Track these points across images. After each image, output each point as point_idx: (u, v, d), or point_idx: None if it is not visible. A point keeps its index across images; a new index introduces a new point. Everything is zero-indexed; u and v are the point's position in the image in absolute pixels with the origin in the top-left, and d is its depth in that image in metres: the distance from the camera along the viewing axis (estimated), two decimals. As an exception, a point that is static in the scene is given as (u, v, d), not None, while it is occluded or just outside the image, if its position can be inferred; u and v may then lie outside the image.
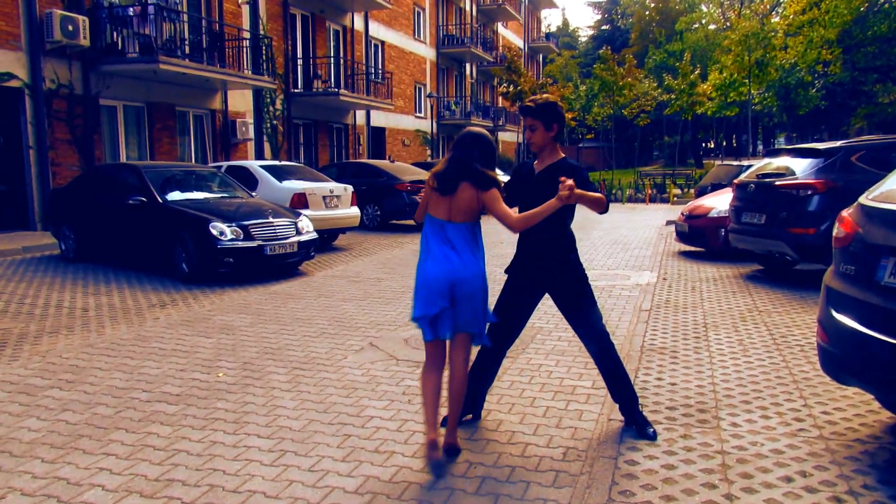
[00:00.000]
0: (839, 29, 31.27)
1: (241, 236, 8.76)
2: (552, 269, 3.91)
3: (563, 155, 3.92)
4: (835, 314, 3.55)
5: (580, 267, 3.99)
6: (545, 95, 3.95)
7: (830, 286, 3.67)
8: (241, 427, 4.05)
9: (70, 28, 12.86)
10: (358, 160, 20.55)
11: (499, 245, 11.77)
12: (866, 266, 3.41)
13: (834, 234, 3.80)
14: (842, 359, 3.50)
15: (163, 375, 5.04)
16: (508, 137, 43.51)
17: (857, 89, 43.15)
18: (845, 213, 3.78)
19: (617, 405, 4.09)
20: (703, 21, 53.54)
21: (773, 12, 44.26)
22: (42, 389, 4.73)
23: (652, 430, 3.88)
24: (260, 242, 8.87)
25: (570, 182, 3.30)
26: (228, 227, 8.71)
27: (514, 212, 3.66)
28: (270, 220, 9.19)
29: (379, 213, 15.64)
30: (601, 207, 3.58)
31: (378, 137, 26.86)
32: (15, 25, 12.53)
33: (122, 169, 10.25)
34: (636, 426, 3.94)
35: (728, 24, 43.91)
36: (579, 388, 4.72)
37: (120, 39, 14.18)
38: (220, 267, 8.69)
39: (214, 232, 8.60)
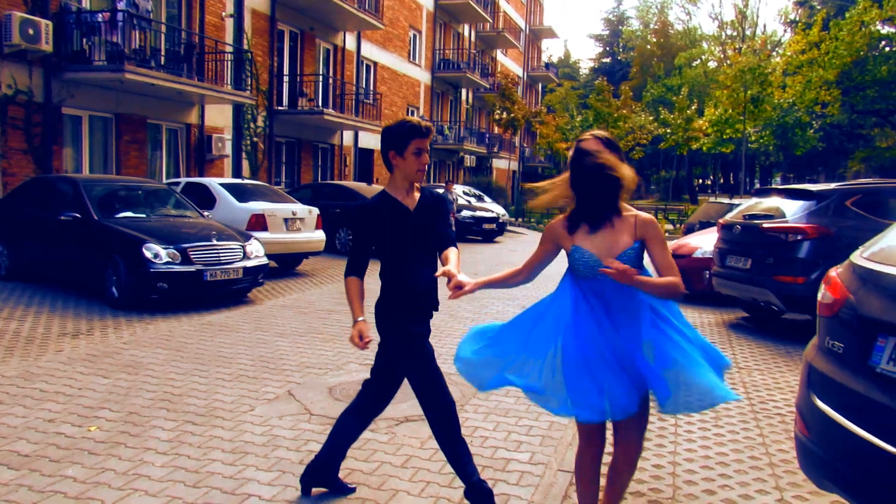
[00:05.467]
0: (839, 70, 30.75)
1: (179, 260, 7.99)
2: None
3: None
4: (817, 402, 2.77)
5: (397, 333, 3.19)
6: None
7: (813, 365, 2.90)
8: (80, 505, 3.26)
9: (31, 32, 12.16)
10: (333, 181, 19.84)
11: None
12: (858, 345, 2.64)
13: (819, 298, 3.03)
14: (824, 460, 2.72)
15: (22, 427, 4.23)
16: (502, 164, 42.92)
17: (855, 132, 42.77)
18: (834, 272, 3.02)
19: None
20: (703, 58, 53.35)
21: (774, 52, 43.99)
22: None
23: None
24: (199, 267, 8.10)
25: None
26: (164, 249, 7.94)
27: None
28: (214, 242, 8.42)
29: (351, 237, 14.86)
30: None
31: (366, 159, 26.19)
32: (-29, 26, 11.85)
33: (60, 181, 9.48)
34: None
35: (727, 60, 43.59)
36: (513, 463, 3.92)
37: (88, 47, 13.52)
38: (153, 293, 7.91)
39: (148, 254, 7.83)
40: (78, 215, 8.50)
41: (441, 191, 19.12)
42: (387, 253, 3.19)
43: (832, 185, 7.78)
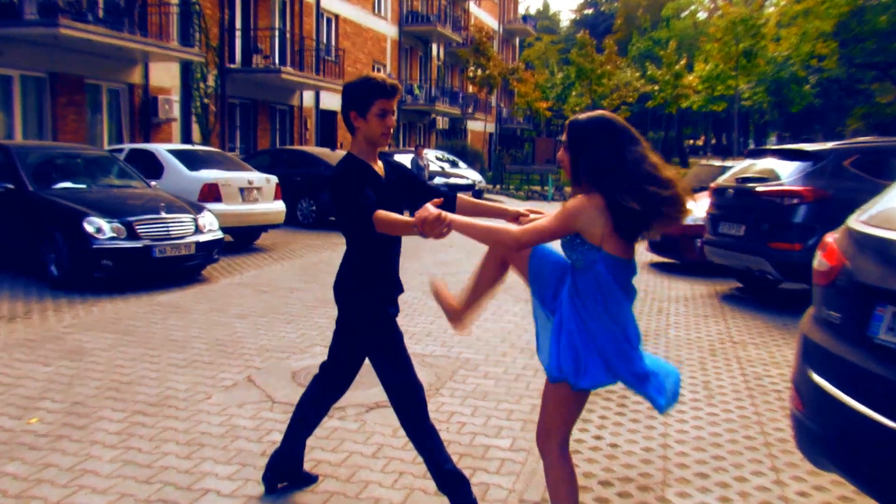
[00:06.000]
0: (836, 21, 31.00)
1: (124, 235, 7.86)
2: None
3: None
4: (813, 376, 2.81)
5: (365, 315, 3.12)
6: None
7: (809, 337, 2.94)
8: (21, 506, 3.21)
9: (-50, -18, 11.78)
10: (293, 147, 19.63)
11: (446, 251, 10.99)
12: (856, 314, 2.67)
13: (814, 265, 3.06)
14: (821, 438, 2.77)
15: (-45, 421, 4.16)
16: (478, 126, 42.75)
17: (853, 87, 43.21)
18: (830, 238, 3.05)
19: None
20: (692, 8, 53.40)
21: (767, 2, 44.16)
22: None
23: None
24: (147, 243, 7.98)
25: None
26: (108, 223, 7.80)
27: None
28: (162, 215, 8.30)
29: (314, 208, 14.78)
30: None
31: (329, 122, 25.89)
32: None
33: (-9, 149, 9.27)
34: None
35: (718, 11, 43.68)
36: (493, 450, 3.95)
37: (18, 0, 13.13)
38: (97, 271, 7.79)
39: (90, 229, 7.69)
40: (11, 186, 8.33)
41: (411, 156, 19.06)
42: (359, 230, 3.01)
43: (829, 145, 7.85)
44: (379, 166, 3.12)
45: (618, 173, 2.45)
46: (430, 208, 2.56)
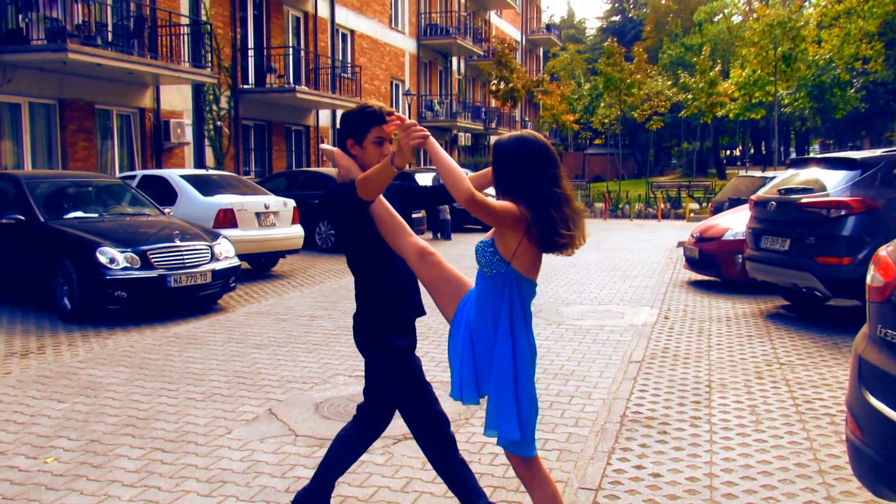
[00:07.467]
0: (881, 20, 30.74)
1: (138, 264, 7.99)
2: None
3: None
4: (871, 399, 2.79)
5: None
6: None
7: (864, 357, 2.92)
8: (39, 549, 3.26)
9: (-42, 9, 12.13)
10: (310, 168, 19.83)
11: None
12: (915, 332, 2.66)
13: (868, 281, 3.05)
14: (881, 465, 2.74)
15: (-30, 461, 4.24)
16: (502, 142, 42.85)
17: (901, 90, 42.83)
18: (884, 251, 3.03)
19: None
20: (726, 11, 53.28)
21: (806, 2, 44.05)
22: None
23: None
24: (162, 272, 8.10)
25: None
26: (121, 252, 7.94)
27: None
28: (177, 243, 8.43)
29: (333, 231, 14.89)
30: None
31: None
32: None
33: (0, 180, 9.48)
34: None
35: (753, 14, 43.64)
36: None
37: (25, 24, 13.46)
38: (110, 303, 7.92)
39: (103, 259, 7.83)
40: (21, 217, 8.51)
41: (433, 174, 19.16)
42: (361, 252, 3.14)
43: (878, 152, 7.79)
44: None
45: (526, 192, 2.71)
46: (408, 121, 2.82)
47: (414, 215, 3.96)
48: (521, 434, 2.74)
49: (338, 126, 3.73)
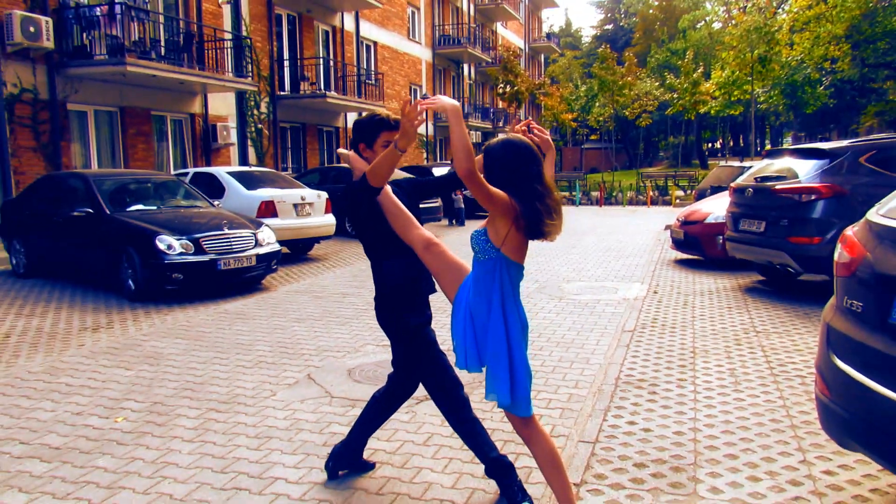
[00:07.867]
0: (847, 24, 30.19)
1: (192, 250, 8.05)
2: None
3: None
4: (837, 362, 2.78)
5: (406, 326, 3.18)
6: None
7: (832, 325, 2.91)
8: (113, 495, 3.32)
9: (32, 29, 12.18)
10: (340, 165, 19.84)
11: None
12: (877, 303, 2.64)
13: (836, 257, 3.03)
14: (846, 419, 2.74)
15: (52, 421, 4.31)
16: (509, 139, 42.63)
17: (866, 87, 42.09)
18: (850, 231, 3.01)
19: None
20: (707, 19, 52.53)
21: (779, 9, 43.34)
22: None
23: None
24: (213, 256, 8.16)
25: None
26: (177, 240, 7.99)
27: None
28: (225, 231, 8.47)
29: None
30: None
31: (371, 141, 26.11)
32: (-28, 27, 11.87)
33: (71, 178, 9.54)
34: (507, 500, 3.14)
35: (732, 21, 43.00)
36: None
37: (88, 41, 13.52)
38: (169, 283, 7.98)
39: (161, 246, 7.89)
40: (90, 210, 8.58)
41: (448, 168, 19.13)
42: (374, 242, 3.16)
43: (845, 143, 7.69)
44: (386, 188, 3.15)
45: (513, 188, 2.71)
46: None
47: (430, 204, 3.97)
48: (511, 398, 2.74)
49: (349, 134, 3.75)
